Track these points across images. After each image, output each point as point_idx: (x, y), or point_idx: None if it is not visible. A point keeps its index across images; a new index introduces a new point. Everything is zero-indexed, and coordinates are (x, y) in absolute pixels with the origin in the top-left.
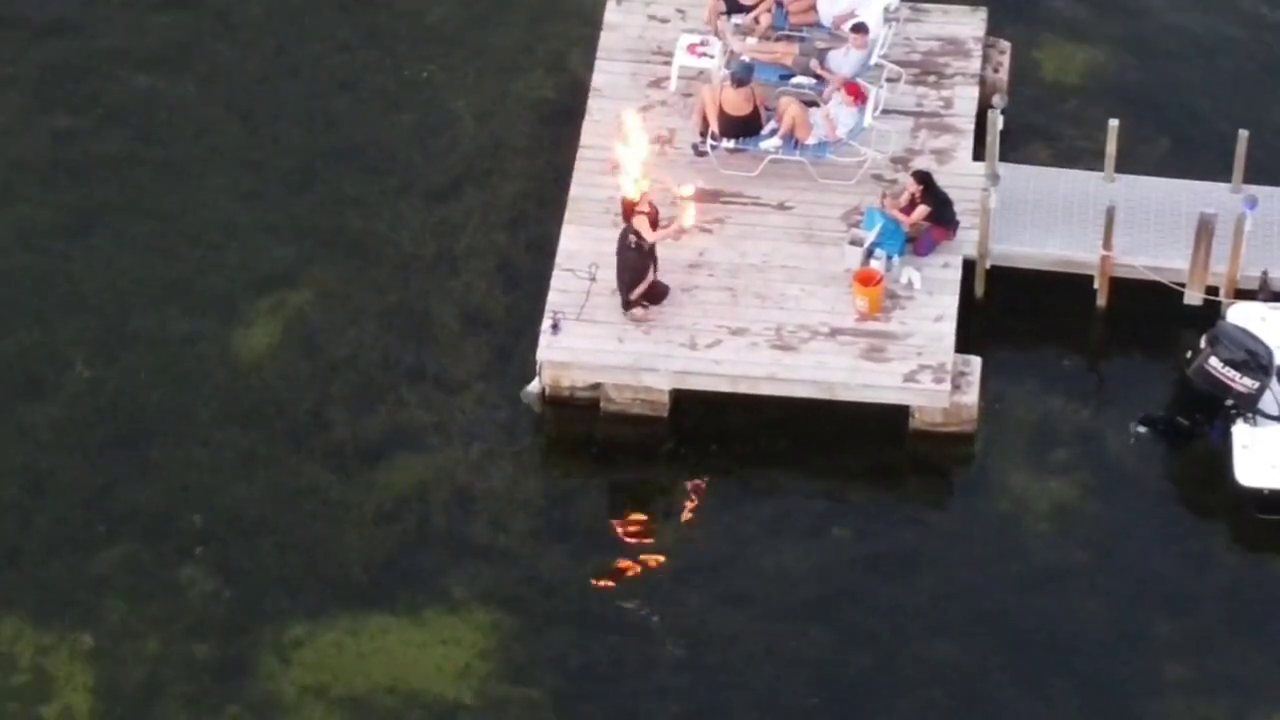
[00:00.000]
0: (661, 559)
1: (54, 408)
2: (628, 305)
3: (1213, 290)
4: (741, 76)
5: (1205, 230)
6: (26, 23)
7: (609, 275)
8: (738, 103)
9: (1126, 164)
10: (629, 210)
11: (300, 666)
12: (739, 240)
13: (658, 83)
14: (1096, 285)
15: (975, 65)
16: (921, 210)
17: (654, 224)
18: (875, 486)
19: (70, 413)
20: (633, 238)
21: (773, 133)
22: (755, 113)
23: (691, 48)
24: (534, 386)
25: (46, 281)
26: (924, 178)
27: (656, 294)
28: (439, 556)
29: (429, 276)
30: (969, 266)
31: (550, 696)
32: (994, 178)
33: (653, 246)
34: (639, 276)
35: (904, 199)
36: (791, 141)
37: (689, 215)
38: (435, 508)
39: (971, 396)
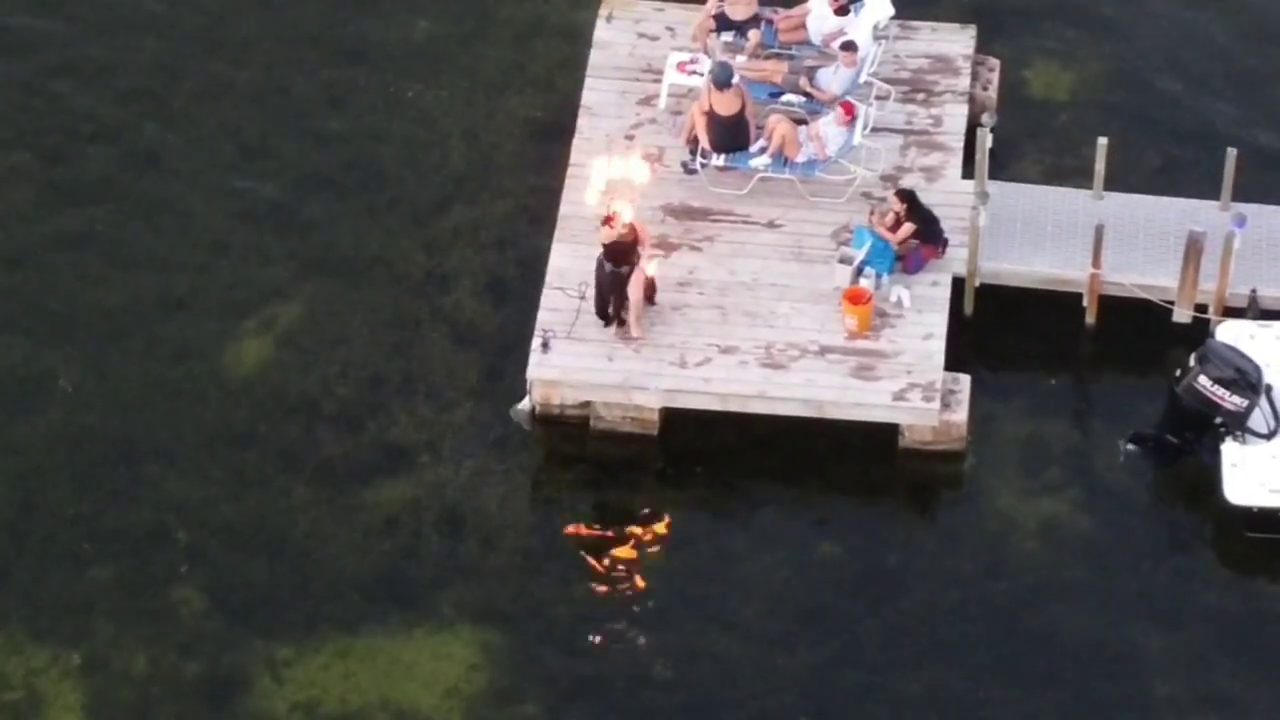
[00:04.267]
0: (650, 578)
1: (44, 425)
2: (605, 322)
3: (1202, 308)
4: (723, 79)
5: (1194, 248)
6: (16, 41)
7: None
8: (728, 102)
9: (1115, 182)
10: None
11: (291, 684)
12: (729, 258)
13: (647, 100)
14: (1085, 303)
15: (964, 83)
16: (907, 228)
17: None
18: (865, 504)
19: (61, 431)
20: (604, 261)
21: (762, 150)
22: (743, 111)
23: (681, 65)
24: (524, 404)
25: (37, 299)
26: (907, 196)
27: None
28: (429, 574)
29: (419, 294)
30: (958, 284)
31: (540, 715)
32: (983, 195)
33: (628, 270)
34: (607, 294)
35: (889, 218)
36: (781, 159)
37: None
38: (425, 525)
39: (961, 414)
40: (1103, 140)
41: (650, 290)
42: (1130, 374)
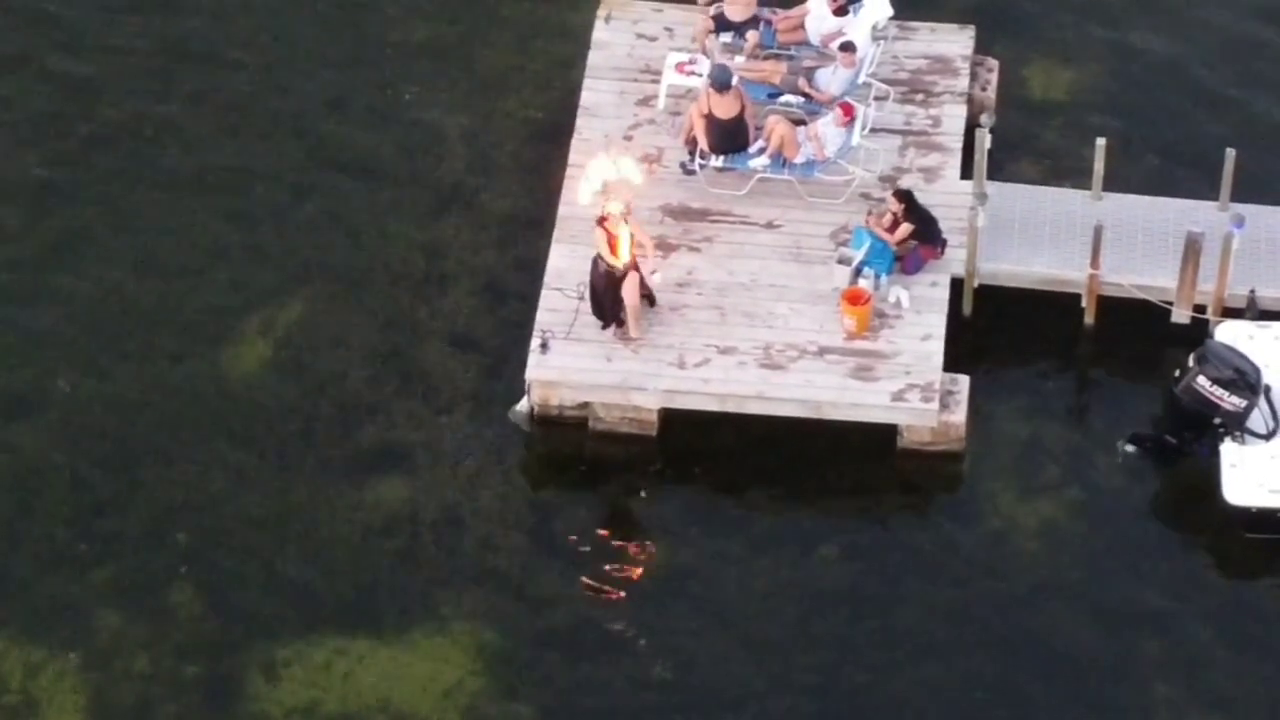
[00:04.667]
0: (649, 579)
1: (43, 427)
2: (604, 323)
3: (1200, 309)
4: (722, 81)
5: (1192, 249)
6: (12, 48)
7: None
8: (727, 105)
9: (1114, 182)
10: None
11: (289, 685)
12: (727, 259)
13: (646, 101)
14: (1084, 304)
15: (963, 83)
16: (905, 229)
17: (612, 244)
18: (863, 505)
19: (59, 432)
20: (601, 261)
21: (761, 151)
22: (742, 114)
23: (680, 66)
24: (522, 405)
25: (35, 301)
26: (905, 196)
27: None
28: (427, 575)
29: (417, 295)
30: (957, 285)
31: (537, 716)
32: (982, 196)
33: (625, 271)
34: (602, 296)
35: (887, 219)
36: (780, 160)
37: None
38: (424, 527)
39: (959, 415)
40: (1101, 141)
41: (650, 293)
42: (1129, 375)
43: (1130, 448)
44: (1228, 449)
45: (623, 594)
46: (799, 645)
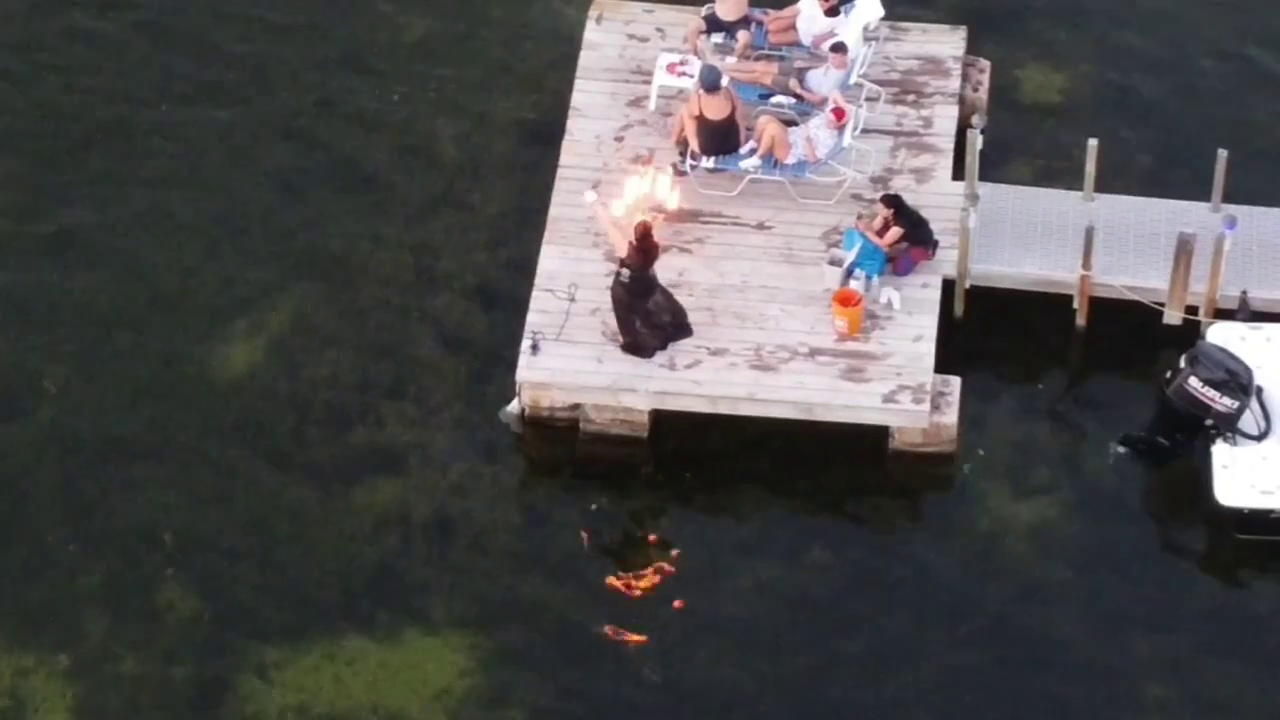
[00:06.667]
0: (640, 582)
1: (32, 427)
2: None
3: (1192, 310)
4: (712, 82)
5: (1184, 250)
6: (5, 45)
7: (588, 295)
8: (718, 106)
9: (1106, 183)
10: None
11: (279, 688)
12: (718, 260)
13: (637, 102)
14: (1076, 305)
15: (955, 84)
16: (895, 232)
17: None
18: (855, 507)
19: (48, 433)
20: (625, 271)
21: (752, 152)
22: (733, 115)
23: (671, 67)
24: (513, 407)
25: (25, 301)
26: (893, 201)
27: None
28: (418, 577)
29: (408, 297)
30: (948, 286)
31: (528, 718)
32: (973, 197)
33: (648, 280)
34: (626, 312)
35: (877, 222)
36: (771, 161)
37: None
38: (414, 528)
39: (951, 416)
40: (1093, 142)
41: None
42: (1120, 376)
43: (1122, 449)
44: (1219, 450)
45: (613, 596)
46: (789, 647)
